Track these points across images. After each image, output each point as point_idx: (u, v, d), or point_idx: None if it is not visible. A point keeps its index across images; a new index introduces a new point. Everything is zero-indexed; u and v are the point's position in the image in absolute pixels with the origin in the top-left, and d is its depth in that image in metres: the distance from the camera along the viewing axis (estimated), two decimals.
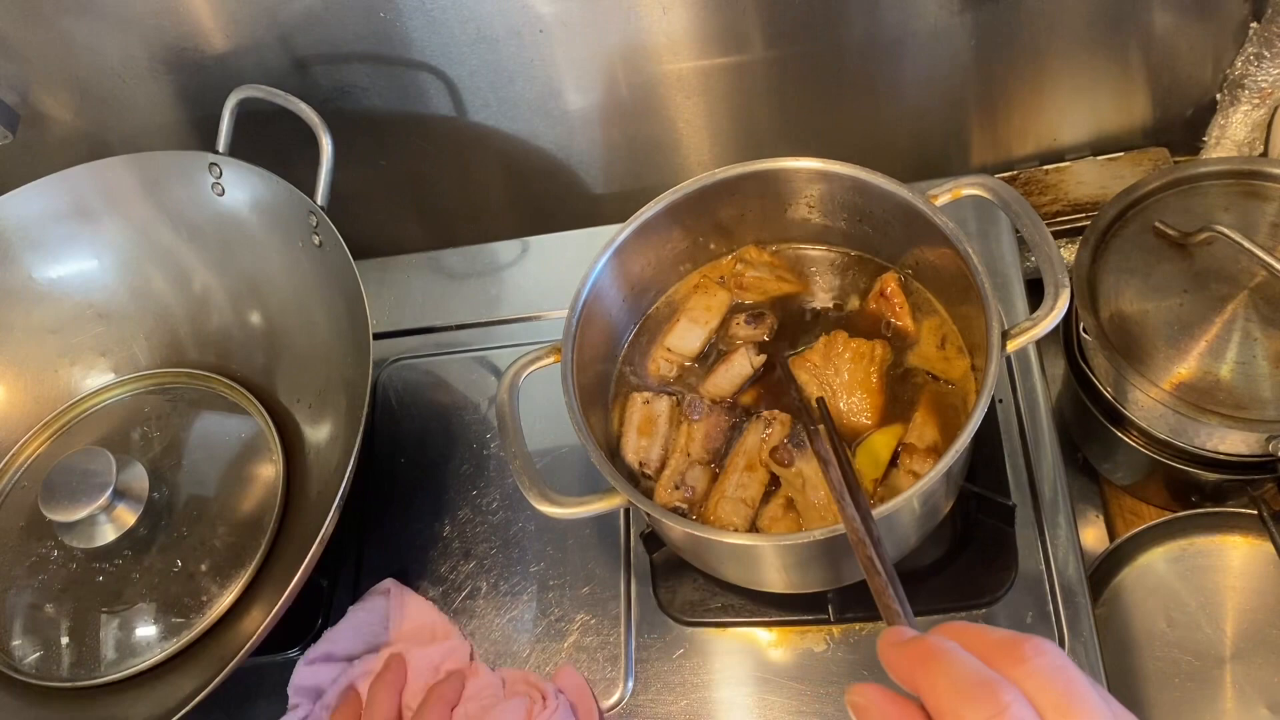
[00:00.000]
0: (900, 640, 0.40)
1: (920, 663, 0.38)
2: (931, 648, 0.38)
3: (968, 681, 0.37)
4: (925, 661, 0.38)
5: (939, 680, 0.37)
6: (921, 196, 0.73)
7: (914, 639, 0.40)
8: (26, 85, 1.02)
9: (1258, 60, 0.95)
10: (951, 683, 0.37)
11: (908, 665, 0.39)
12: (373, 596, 0.86)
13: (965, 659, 0.37)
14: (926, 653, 0.38)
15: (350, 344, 0.86)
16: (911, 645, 0.39)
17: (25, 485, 0.94)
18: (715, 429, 0.76)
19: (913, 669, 0.38)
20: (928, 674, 0.38)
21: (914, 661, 0.38)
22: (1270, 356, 0.78)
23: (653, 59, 0.98)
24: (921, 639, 0.39)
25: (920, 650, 0.39)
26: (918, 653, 0.39)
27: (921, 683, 0.38)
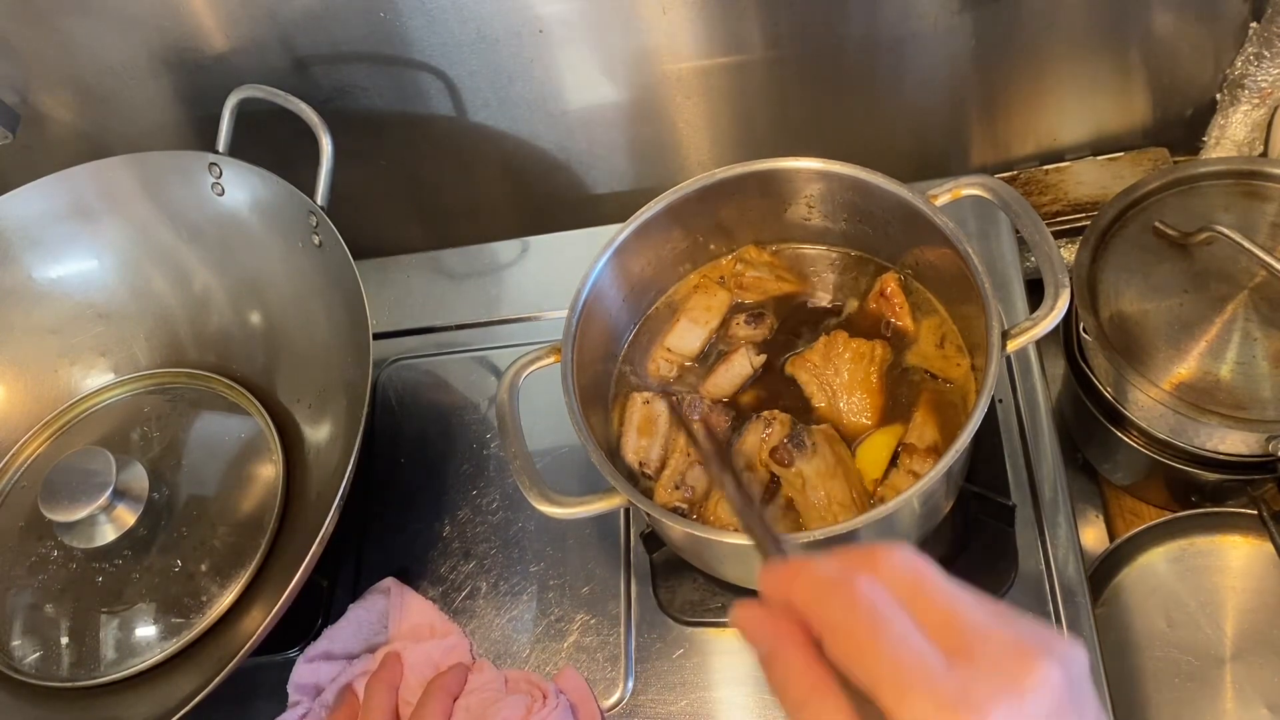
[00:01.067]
0: (769, 568, 0.43)
1: (785, 578, 0.41)
2: (794, 563, 0.41)
3: (825, 579, 0.39)
4: (790, 576, 0.41)
5: (801, 585, 0.40)
6: (921, 196, 0.73)
7: (780, 563, 0.43)
8: (26, 85, 1.02)
9: (1258, 60, 0.95)
10: (812, 584, 0.39)
11: (775, 583, 0.41)
12: (373, 595, 0.86)
13: (822, 566, 0.40)
14: (791, 568, 0.41)
15: (350, 344, 0.86)
16: (779, 568, 0.42)
17: (25, 485, 0.94)
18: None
19: (780, 585, 0.41)
20: (793, 584, 0.40)
21: (780, 578, 0.41)
22: (1270, 356, 0.78)
23: (653, 59, 0.98)
24: (787, 561, 0.42)
25: (787, 568, 0.41)
26: (785, 571, 0.41)
27: (790, 594, 0.40)
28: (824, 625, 0.39)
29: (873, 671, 0.36)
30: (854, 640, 0.37)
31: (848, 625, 0.38)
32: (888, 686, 0.36)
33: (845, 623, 0.38)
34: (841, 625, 0.38)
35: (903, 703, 0.35)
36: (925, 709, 0.35)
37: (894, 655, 0.36)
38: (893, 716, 0.35)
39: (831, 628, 0.38)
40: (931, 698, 0.35)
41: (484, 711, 0.77)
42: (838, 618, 0.38)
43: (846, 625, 0.38)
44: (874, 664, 0.36)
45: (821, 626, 0.39)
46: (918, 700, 0.35)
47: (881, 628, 0.37)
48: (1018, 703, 0.35)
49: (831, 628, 0.38)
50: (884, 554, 0.40)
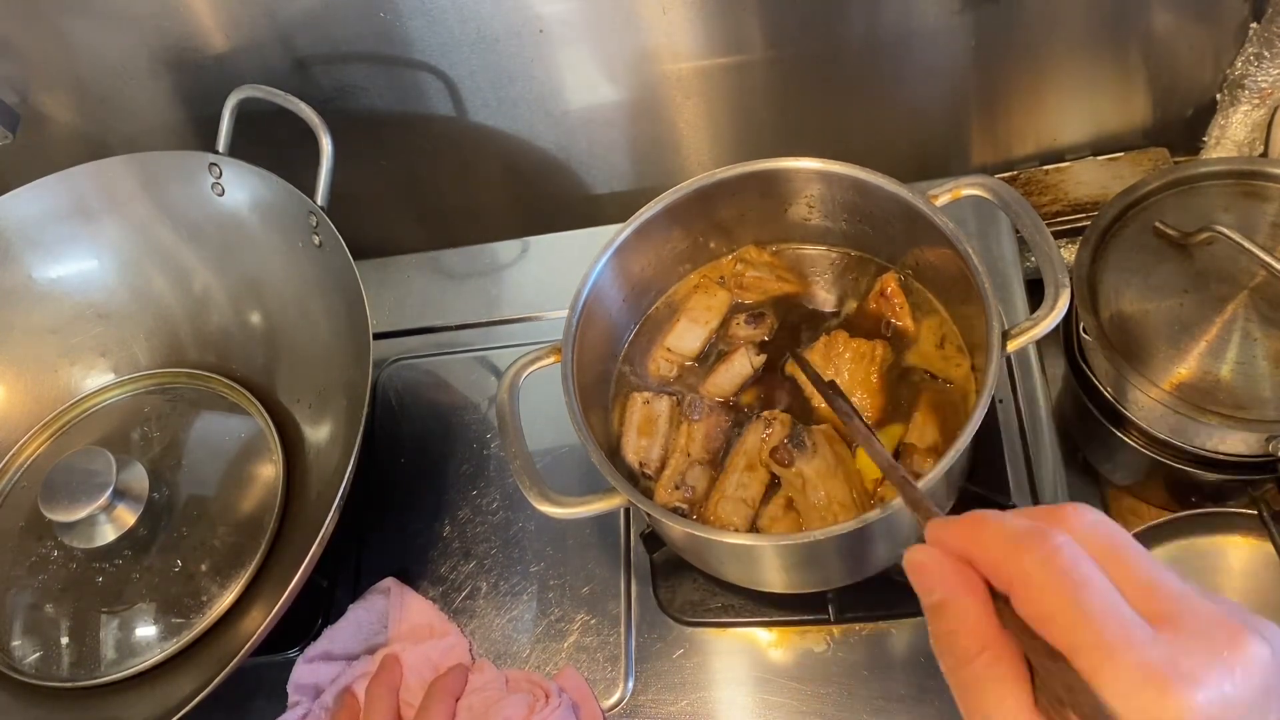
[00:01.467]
0: (945, 521, 0.41)
1: (968, 528, 0.39)
2: (978, 515, 0.39)
3: (1017, 532, 0.37)
4: (973, 527, 0.39)
5: (990, 537, 0.38)
6: (921, 196, 0.73)
7: (959, 517, 0.41)
8: (26, 85, 1.02)
9: (1258, 60, 0.95)
10: (1002, 536, 0.37)
11: (956, 534, 0.39)
12: (373, 595, 0.86)
13: (1012, 517, 0.39)
14: (974, 520, 0.39)
15: (350, 344, 0.86)
16: (958, 520, 0.40)
17: (25, 485, 0.94)
18: (715, 429, 0.76)
19: (961, 535, 0.39)
20: (977, 536, 0.38)
21: (962, 529, 0.39)
22: (1270, 356, 0.78)
23: (653, 59, 0.98)
24: (967, 514, 0.40)
25: (968, 520, 0.39)
26: (966, 522, 0.39)
27: (972, 545, 0.38)
28: (1015, 580, 0.36)
29: (1072, 633, 0.34)
30: (1052, 597, 0.35)
31: (1044, 580, 0.35)
32: (1089, 650, 0.34)
33: (1041, 578, 0.35)
34: (1036, 580, 0.36)
35: (1105, 668, 0.33)
36: (1131, 677, 0.33)
37: (1099, 617, 0.34)
38: (1093, 681, 0.33)
39: (1024, 582, 0.36)
40: (1138, 666, 0.33)
41: (486, 711, 0.77)
42: (1033, 572, 0.36)
43: (1042, 581, 0.35)
44: (1074, 625, 0.34)
45: (1011, 581, 0.36)
46: (1123, 667, 0.33)
47: (1084, 587, 0.35)
48: (1227, 676, 0.33)
49: (1024, 582, 0.36)
50: (1075, 513, 0.38)
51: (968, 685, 0.38)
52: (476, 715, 0.77)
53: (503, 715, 0.76)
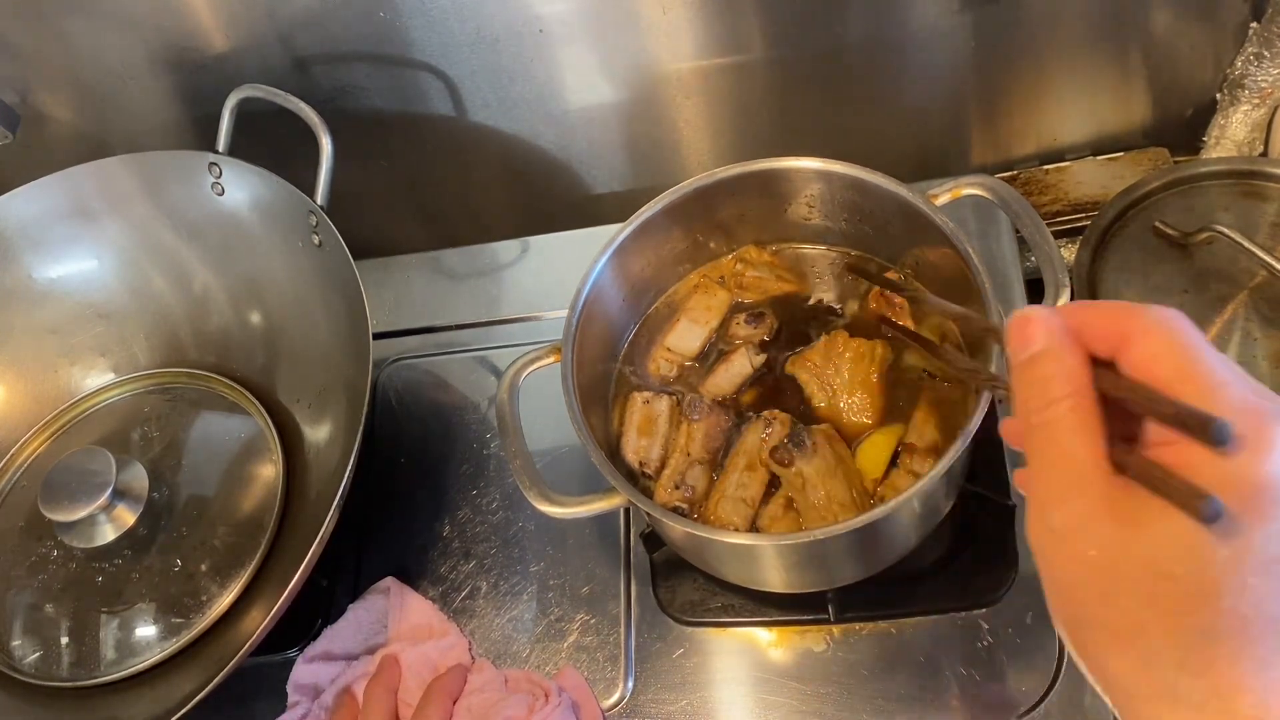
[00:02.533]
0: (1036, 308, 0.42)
1: (1079, 304, 0.42)
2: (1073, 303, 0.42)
3: (1126, 304, 0.40)
4: (1084, 303, 0.42)
5: (1106, 305, 0.41)
6: (921, 196, 0.73)
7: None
8: (26, 85, 1.02)
9: (1258, 60, 0.95)
10: (1119, 304, 0.40)
11: (1068, 308, 0.41)
12: (373, 595, 0.86)
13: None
14: (1074, 304, 0.42)
15: (350, 344, 0.86)
16: (1051, 308, 0.42)
17: (25, 485, 0.94)
18: (715, 429, 0.76)
19: (1074, 307, 0.41)
20: (1093, 304, 0.43)
21: (1065, 308, 0.41)
22: (1270, 356, 0.78)
23: (653, 59, 0.98)
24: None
25: (1064, 306, 0.42)
26: (1065, 306, 0.42)
27: (1088, 311, 0.41)
28: (1134, 332, 0.38)
29: (1187, 370, 0.37)
30: (1168, 341, 0.38)
31: (1165, 328, 0.38)
32: (1202, 382, 0.36)
33: (1163, 327, 0.38)
34: (1157, 329, 0.38)
35: (1218, 394, 0.36)
36: (1235, 413, 0.35)
37: (1212, 362, 0.37)
38: (1202, 403, 0.36)
39: (1144, 331, 0.38)
40: (1248, 394, 0.36)
41: (486, 711, 0.77)
42: (1153, 323, 0.38)
43: (1163, 328, 0.38)
44: (1191, 364, 0.37)
45: (1129, 334, 0.39)
46: (1235, 397, 0.36)
47: (1200, 344, 0.37)
48: None
49: (1144, 331, 0.38)
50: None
51: (1048, 425, 0.39)
52: (476, 715, 0.77)
53: (503, 715, 0.76)
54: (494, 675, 0.81)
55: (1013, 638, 0.75)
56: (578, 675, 0.81)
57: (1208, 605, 0.34)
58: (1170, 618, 0.35)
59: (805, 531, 0.65)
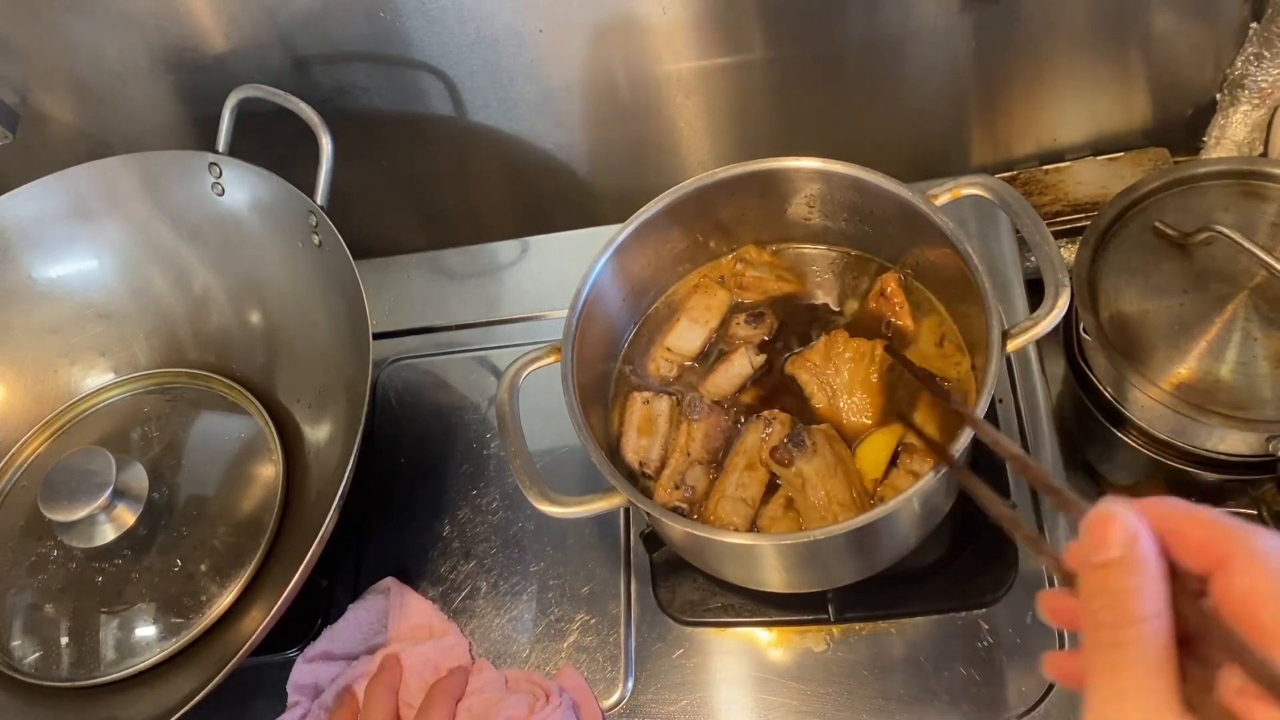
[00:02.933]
0: (1125, 500, 0.39)
1: (1174, 504, 0.38)
2: (1170, 501, 0.38)
3: (1229, 523, 0.37)
4: (1182, 504, 0.38)
5: (1207, 515, 0.37)
6: (921, 196, 0.73)
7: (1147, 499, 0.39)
8: (26, 85, 1.02)
9: (1258, 60, 0.95)
10: (1222, 517, 0.37)
11: (1162, 505, 0.38)
12: (373, 595, 0.86)
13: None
14: (1177, 501, 0.38)
15: (350, 344, 0.86)
16: (1153, 499, 0.39)
17: (25, 485, 0.94)
18: (715, 428, 0.76)
19: (1169, 507, 0.38)
20: (1191, 511, 0.37)
21: (1168, 504, 0.38)
22: (1270, 356, 0.78)
23: (653, 59, 0.98)
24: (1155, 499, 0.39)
25: (1166, 500, 0.38)
26: (1166, 500, 0.38)
27: (1184, 518, 0.37)
28: (1236, 554, 0.36)
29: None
30: (1272, 587, 0.34)
31: (1263, 567, 0.35)
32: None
33: (1270, 559, 0.35)
34: (1264, 560, 0.35)
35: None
36: None
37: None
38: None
39: (1249, 558, 0.35)
40: None
41: (486, 712, 0.77)
42: (1261, 552, 0.35)
43: (1261, 566, 0.35)
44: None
45: (1230, 556, 0.36)
46: None
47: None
48: None
49: (1249, 558, 0.35)
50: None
51: (1121, 648, 0.36)
52: (476, 715, 0.77)
53: (503, 715, 0.76)
54: (494, 676, 0.81)
55: (1013, 638, 0.75)
56: (577, 675, 0.81)
57: None
58: None
59: (805, 532, 0.65)
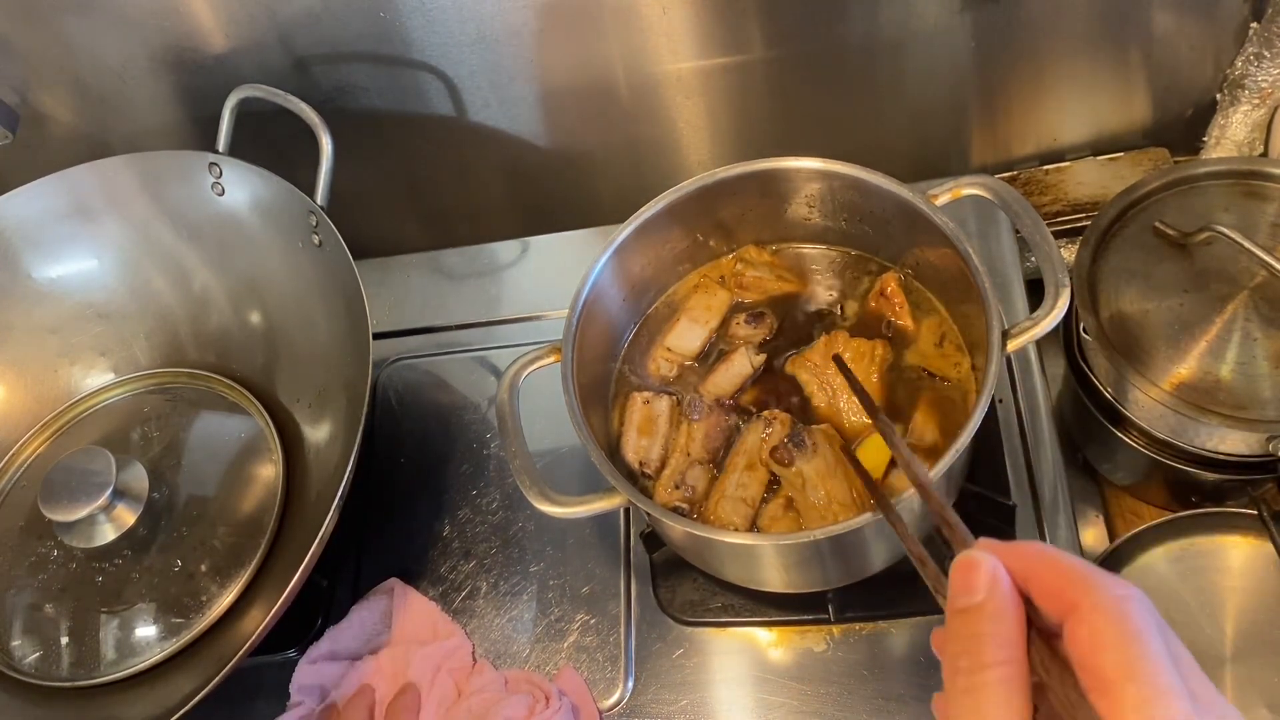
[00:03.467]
0: (998, 543, 0.41)
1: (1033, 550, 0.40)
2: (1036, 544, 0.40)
3: (1091, 567, 0.38)
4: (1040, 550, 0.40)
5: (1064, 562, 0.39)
6: (921, 196, 0.73)
7: (1013, 543, 0.41)
8: (26, 85, 1.02)
9: (1258, 60, 0.95)
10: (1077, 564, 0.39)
11: (1021, 552, 0.40)
12: (376, 595, 0.86)
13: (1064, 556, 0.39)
14: (1036, 545, 0.40)
15: (350, 344, 0.86)
16: (1015, 544, 0.41)
17: (25, 485, 0.94)
18: (715, 428, 0.76)
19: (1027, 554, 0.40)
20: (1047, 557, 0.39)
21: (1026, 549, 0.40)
22: (1270, 356, 0.78)
23: (653, 59, 0.98)
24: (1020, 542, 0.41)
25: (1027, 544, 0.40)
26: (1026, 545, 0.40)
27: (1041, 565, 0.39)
28: (1083, 606, 0.37)
29: (1127, 668, 0.35)
30: (1116, 630, 0.36)
31: (1116, 612, 0.36)
32: (1138, 686, 0.35)
33: (1114, 610, 0.36)
34: (1107, 610, 0.36)
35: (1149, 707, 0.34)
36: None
37: (1156, 662, 0.35)
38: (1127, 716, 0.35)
39: (1094, 608, 0.37)
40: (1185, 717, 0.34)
41: (486, 712, 0.77)
42: (1106, 603, 0.37)
43: (1114, 613, 0.36)
44: (1133, 661, 0.35)
45: (1077, 606, 0.37)
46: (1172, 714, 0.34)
47: (1149, 632, 0.36)
48: None
49: (1094, 608, 0.37)
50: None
51: (976, 691, 0.38)
52: (476, 716, 0.77)
53: (503, 716, 0.76)
54: (494, 676, 0.81)
55: None
56: (577, 677, 0.81)
57: None
58: None
59: (805, 531, 0.65)
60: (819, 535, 0.62)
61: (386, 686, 0.82)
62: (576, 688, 0.80)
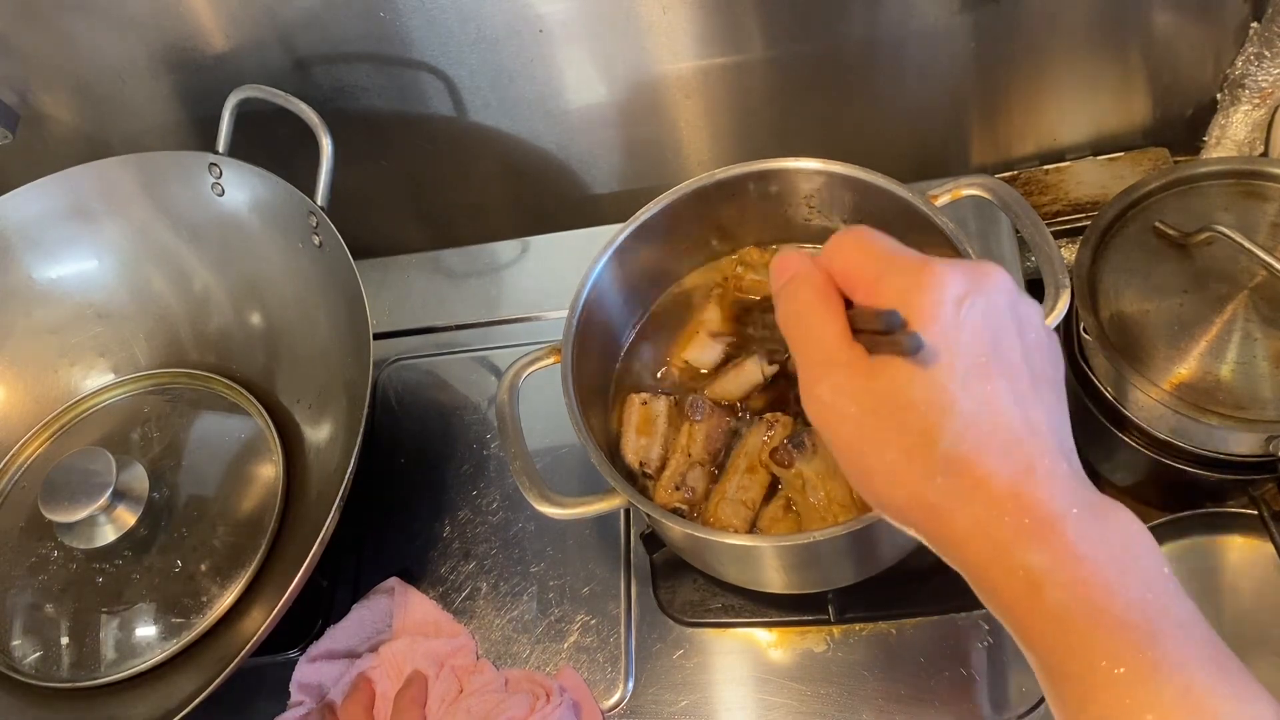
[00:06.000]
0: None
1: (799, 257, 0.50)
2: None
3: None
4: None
5: (836, 236, 0.50)
6: (921, 196, 0.73)
7: None
8: (26, 85, 1.02)
9: (1258, 60, 0.95)
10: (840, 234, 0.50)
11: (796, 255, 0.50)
12: (376, 595, 0.86)
13: None
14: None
15: (350, 344, 0.86)
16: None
17: (25, 485, 0.94)
18: (717, 430, 0.76)
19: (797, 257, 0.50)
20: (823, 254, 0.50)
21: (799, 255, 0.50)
22: (1270, 356, 0.78)
23: (653, 59, 0.98)
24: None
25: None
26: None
27: (823, 257, 0.50)
28: (831, 254, 0.48)
29: (875, 262, 0.46)
30: (855, 243, 0.47)
31: (851, 241, 0.48)
32: (880, 263, 0.46)
33: (850, 240, 0.48)
34: (845, 243, 0.48)
35: (892, 268, 0.46)
36: (904, 274, 0.45)
37: (890, 250, 0.47)
38: (883, 277, 0.46)
39: (838, 249, 0.48)
40: (913, 262, 0.45)
41: (487, 711, 0.77)
42: (843, 241, 0.48)
43: (850, 241, 0.48)
44: (875, 258, 0.46)
45: (829, 256, 0.48)
46: (904, 265, 0.45)
47: (878, 238, 0.48)
48: (981, 280, 0.45)
49: (838, 249, 0.48)
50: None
51: (800, 315, 0.47)
52: (477, 716, 0.78)
53: (504, 715, 0.76)
54: (494, 676, 0.81)
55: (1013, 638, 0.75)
56: (576, 675, 0.81)
57: (944, 416, 0.42)
58: (920, 434, 0.43)
59: (805, 533, 0.65)
60: (819, 537, 0.62)
61: (388, 682, 0.82)
62: (577, 685, 0.80)
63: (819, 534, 0.62)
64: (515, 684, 0.81)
